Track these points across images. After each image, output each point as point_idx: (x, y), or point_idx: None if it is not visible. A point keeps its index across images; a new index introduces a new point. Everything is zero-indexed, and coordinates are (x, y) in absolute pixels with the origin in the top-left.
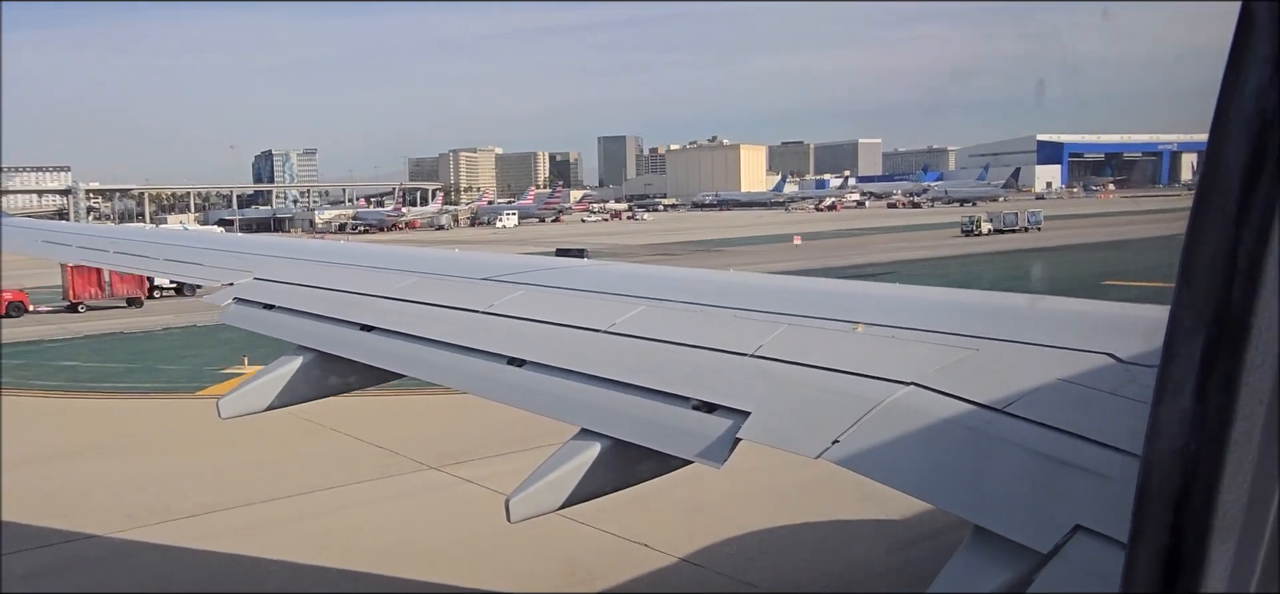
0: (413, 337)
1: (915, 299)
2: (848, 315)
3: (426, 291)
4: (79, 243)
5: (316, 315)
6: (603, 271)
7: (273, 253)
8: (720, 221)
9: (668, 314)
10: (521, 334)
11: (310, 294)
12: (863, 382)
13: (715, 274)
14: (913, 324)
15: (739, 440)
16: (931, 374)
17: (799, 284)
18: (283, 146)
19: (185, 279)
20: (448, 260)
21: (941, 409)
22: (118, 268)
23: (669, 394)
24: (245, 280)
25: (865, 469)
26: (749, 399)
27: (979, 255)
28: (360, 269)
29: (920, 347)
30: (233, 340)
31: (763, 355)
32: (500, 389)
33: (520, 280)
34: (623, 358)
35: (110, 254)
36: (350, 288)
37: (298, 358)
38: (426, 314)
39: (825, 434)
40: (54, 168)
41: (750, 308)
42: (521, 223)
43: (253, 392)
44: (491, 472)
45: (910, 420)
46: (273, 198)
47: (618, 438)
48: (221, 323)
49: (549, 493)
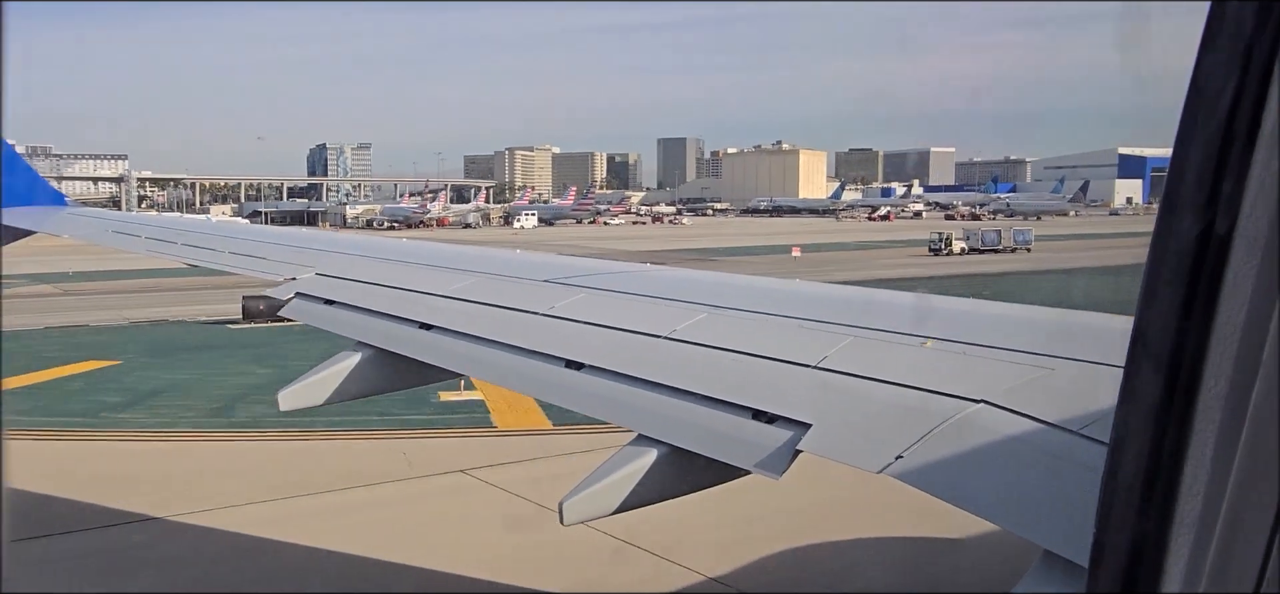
0: (471, 336)
1: (988, 315)
2: (916, 329)
3: (486, 292)
4: (147, 234)
5: (376, 312)
6: (664, 277)
7: (336, 249)
8: (756, 228)
9: (729, 322)
10: (580, 337)
11: (371, 291)
12: (929, 397)
13: (779, 283)
14: (984, 341)
15: (799, 452)
16: (1003, 392)
17: (866, 295)
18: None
19: (250, 273)
20: (509, 261)
21: (1012, 428)
22: (184, 259)
23: (728, 403)
24: (308, 276)
25: (929, 486)
26: (810, 410)
27: (919, 280)
28: (422, 267)
29: (992, 364)
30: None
31: (826, 367)
32: (557, 391)
33: (581, 283)
34: (682, 365)
35: (178, 245)
36: (411, 286)
37: (356, 354)
38: (485, 314)
39: (889, 449)
40: (111, 156)
41: (814, 318)
42: (556, 224)
43: (311, 386)
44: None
45: (979, 438)
46: (324, 191)
47: (674, 445)
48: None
49: (603, 498)
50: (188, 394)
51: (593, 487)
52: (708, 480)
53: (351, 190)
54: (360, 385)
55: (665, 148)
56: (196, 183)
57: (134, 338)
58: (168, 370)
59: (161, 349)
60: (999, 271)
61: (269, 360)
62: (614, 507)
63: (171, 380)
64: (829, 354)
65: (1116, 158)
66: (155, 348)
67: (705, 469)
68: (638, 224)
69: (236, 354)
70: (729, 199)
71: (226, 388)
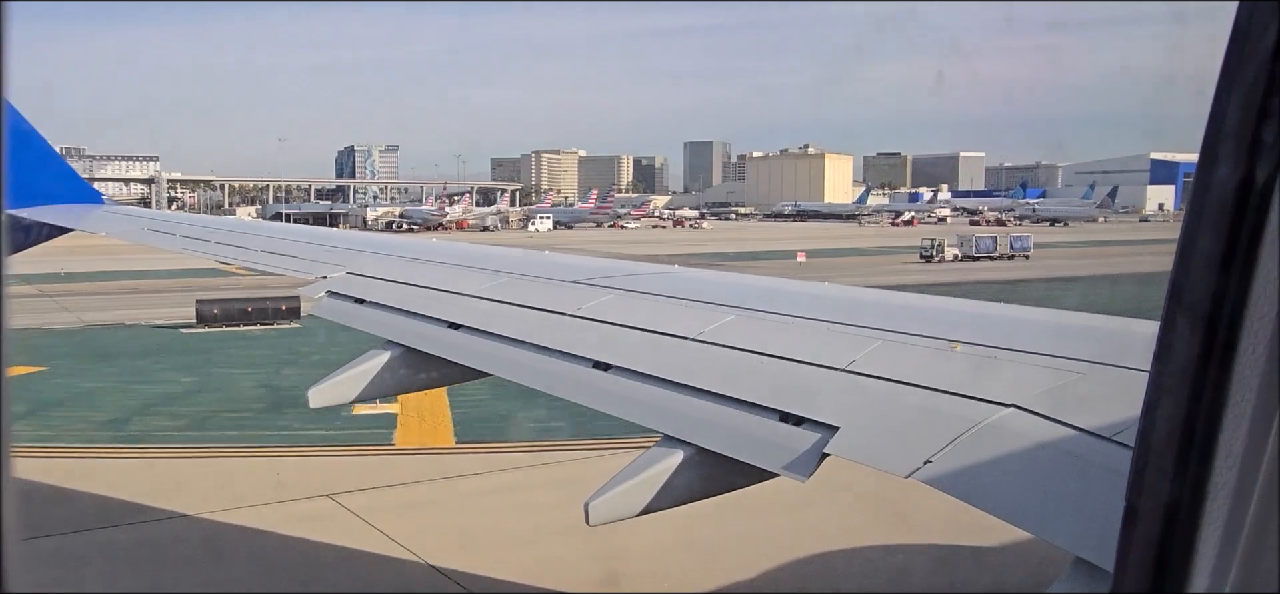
0: (499, 336)
1: (1018, 319)
2: (946, 333)
3: (515, 292)
4: (182, 232)
5: (405, 311)
6: (693, 279)
7: (367, 248)
8: (775, 232)
9: (758, 324)
10: (608, 338)
11: (400, 290)
12: (959, 401)
13: (809, 286)
14: (1015, 345)
15: (827, 455)
16: (1034, 397)
17: (897, 299)
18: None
19: (281, 271)
20: (538, 262)
21: (1044, 434)
22: (218, 257)
23: (755, 405)
24: (338, 275)
25: (959, 491)
26: (838, 413)
27: (894, 288)
28: (451, 267)
29: (1022, 368)
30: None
31: (854, 370)
32: (585, 392)
33: (609, 284)
34: (709, 366)
35: (211, 244)
36: (440, 286)
37: (385, 352)
38: (513, 314)
39: (917, 453)
40: (143, 157)
41: (844, 321)
42: (575, 227)
43: (341, 384)
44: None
45: (1010, 443)
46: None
47: (701, 446)
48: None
49: (629, 498)
50: (92, 405)
51: (619, 487)
52: (734, 483)
53: (378, 193)
54: (389, 384)
55: (691, 151)
56: (226, 184)
57: (78, 342)
58: (89, 379)
59: (97, 355)
60: (984, 280)
61: (200, 369)
62: (640, 508)
63: (84, 389)
64: (857, 357)
65: (1149, 163)
66: (92, 353)
67: (732, 471)
68: (657, 228)
69: (169, 361)
70: (754, 203)
71: (136, 399)
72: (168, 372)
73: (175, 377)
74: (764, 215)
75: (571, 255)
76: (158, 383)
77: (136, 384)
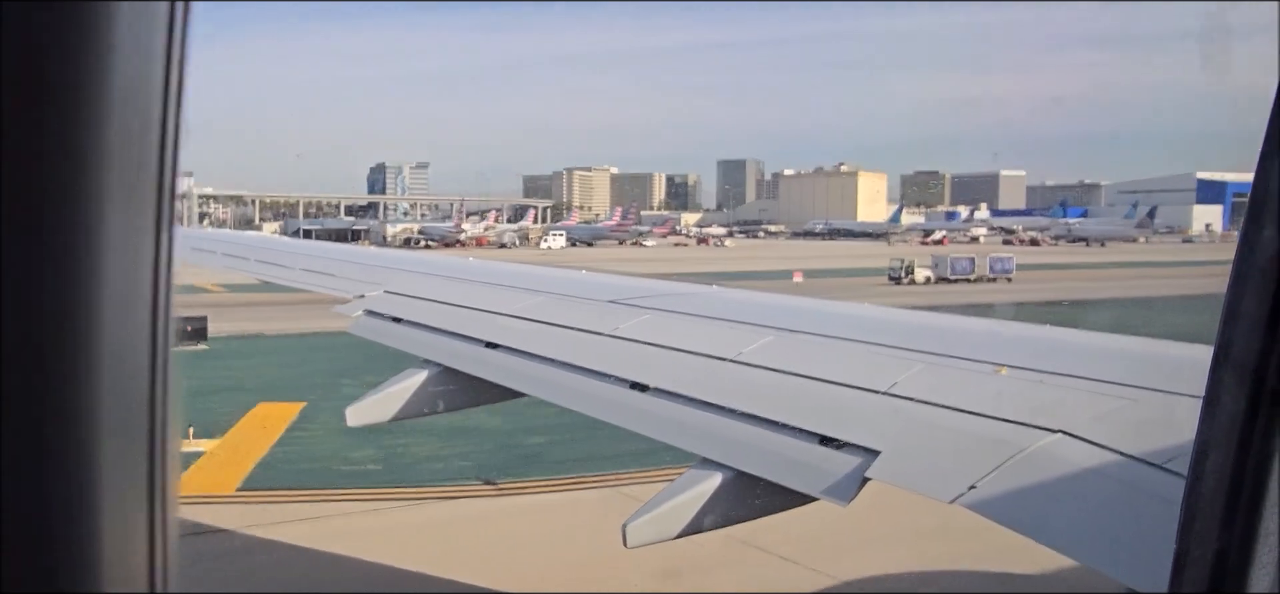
0: (535, 356)
1: (1066, 343)
2: (990, 357)
3: (551, 312)
4: (223, 250)
5: (443, 331)
6: (730, 300)
7: (403, 267)
8: (790, 250)
9: (797, 346)
10: (645, 359)
11: (438, 309)
12: (1004, 426)
13: (848, 307)
14: (1062, 369)
15: (868, 479)
16: (1082, 423)
17: (938, 321)
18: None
19: (321, 289)
20: (575, 281)
21: (1092, 460)
22: (258, 275)
23: (795, 428)
24: (376, 293)
25: (1004, 518)
26: (880, 437)
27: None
28: (488, 286)
29: (1070, 393)
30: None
31: (896, 393)
32: (621, 413)
33: (646, 304)
34: (748, 388)
35: (252, 262)
36: (477, 305)
37: (422, 371)
38: (550, 334)
39: (961, 479)
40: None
41: (884, 343)
42: (596, 244)
43: (378, 403)
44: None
45: (1057, 470)
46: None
47: (740, 469)
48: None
49: (667, 521)
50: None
51: (657, 509)
52: (773, 506)
53: (408, 209)
54: (426, 403)
55: (724, 169)
56: (257, 200)
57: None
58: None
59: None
60: (952, 305)
61: None
62: (678, 530)
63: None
64: (899, 380)
65: (1195, 182)
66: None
67: (771, 495)
68: (680, 245)
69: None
70: (786, 221)
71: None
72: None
73: None
74: (792, 234)
75: (608, 274)
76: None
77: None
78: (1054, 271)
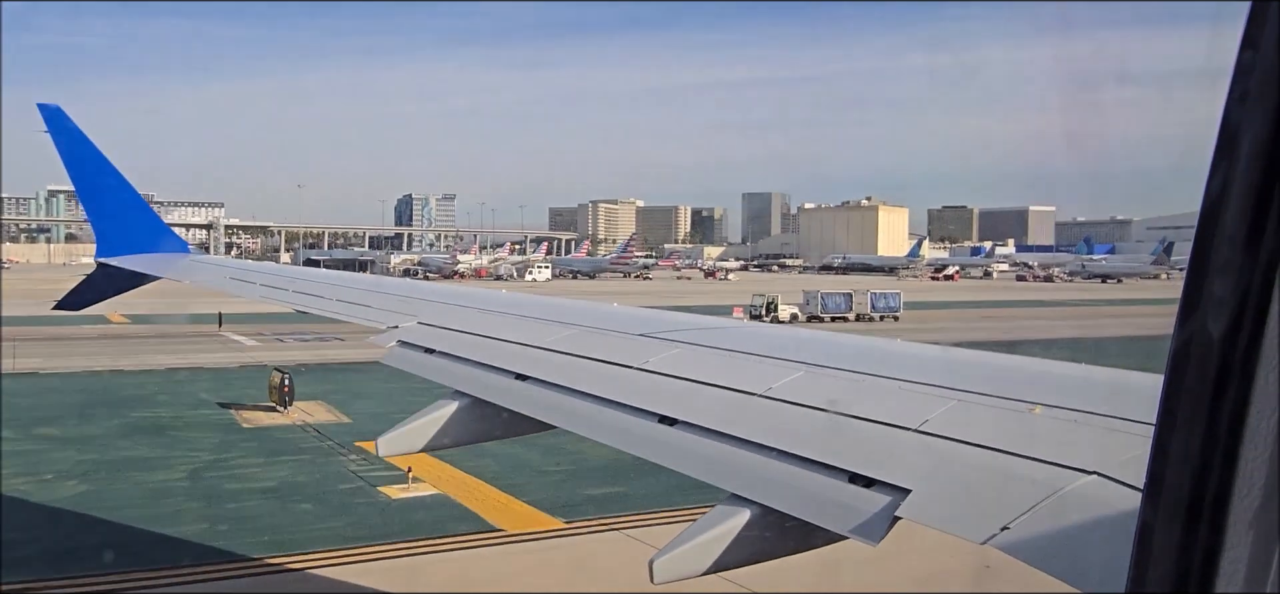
0: (565, 388)
1: (1102, 381)
2: (1024, 395)
3: (582, 344)
4: (262, 281)
5: (474, 362)
6: (761, 333)
7: (438, 299)
8: (797, 285)
9: (827, 381)
10: (674, 393)
11: (469, 341)
12: (1039, 466)
13: (879, 342)
14: (1098, 409)
15: (898, 519)
16: (1118, 464)
17: (971, 356)
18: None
19: (356, 320)
20: (606, 314)
21: (1129, 502)
22: (296, 306)
23: (824, 465)
24: (410, 325)
25: (1038, 561)
26: (911, 475)
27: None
28: (519, 319)
29: (1106, 433)
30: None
31: (928, 431)
32: (650, 447)
33: (677, 337)
34: (777, 423)
35: (289, 292)
36: (508, 337)
37: (453, 403)
38: (580, 367)
39: (994, 519)
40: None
41: (916, 380)
42: (598, 277)
43: (409, 433)
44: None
45: (1092, 512)
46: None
47: (768, 506)
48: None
49: (694, 557)
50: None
51: (685, 546)
52: (802, 544)
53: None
54: (457, 434)
55: (749, 202)
56: (282, 230)
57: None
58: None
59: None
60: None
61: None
62: (705, 567)
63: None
64: (930, 417)
65: None
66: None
67: (799, 532)
68: (682, 279)
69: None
70: (806, 256)
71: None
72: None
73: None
74: (803, 267)
75: (639, 308)
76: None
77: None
78: (985, 309)
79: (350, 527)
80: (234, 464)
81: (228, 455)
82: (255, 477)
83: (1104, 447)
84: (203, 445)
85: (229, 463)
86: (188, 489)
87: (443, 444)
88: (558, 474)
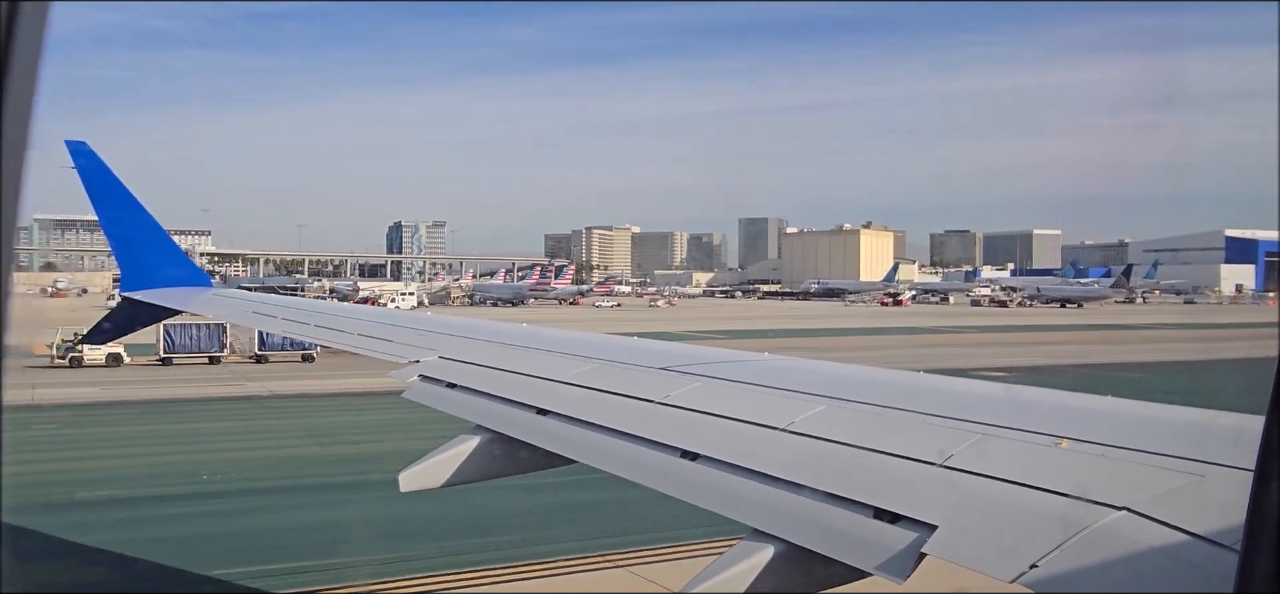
0: (586, 423)
1: (1129, 415)
2: (1050, 428)
3: (602, 378)
4: (284, 315)
5: (495, 396)
6: (783, 367)
7: (459, 333)
8: (755, 311)
9: (850, 416)
10: (696, 427)
11: (490, 375)
12: (1067, 503)
13: (903, 376)
14: (1127, 443)
15: (924, 555)
16: (1148, 500)
17: (996, 390)
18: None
19: (376, 354)
20: (627, 348)
21: (1158, 539)
22: (317, 340)
23: (849, 500)
24: (431, 359)
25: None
26: (937, 512)
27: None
28: (540, 353)
29: (1135, 468)
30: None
31: (954, 466)
32: (672, 482)
33: (698, 371)
34: (800, 458)
35: (311, 327)
36: (529, 371)
37: (474, 438)
38: (601, 401)
39: (1022, 557)
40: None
41: (941, 414)
42: (517, 306)
43: (430, 468)
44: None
45: (1121, 548)
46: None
47: (792, 541)
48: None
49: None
50: None
51: (710, 581)
52: (826, 581)
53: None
54: (478, 469)
55: (746, 227)
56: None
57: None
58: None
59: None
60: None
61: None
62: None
63: None
64: (956, 452)
65: (1223, 240)
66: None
67: (824, 568)
68: (617, 307)
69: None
70: (789, 281)
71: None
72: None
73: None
74: (783, 292)
75: (661, 342)
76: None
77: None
78: (894, 336)
79: None
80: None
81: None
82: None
83: (1133, 481)
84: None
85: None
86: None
87: (464, 479)
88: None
